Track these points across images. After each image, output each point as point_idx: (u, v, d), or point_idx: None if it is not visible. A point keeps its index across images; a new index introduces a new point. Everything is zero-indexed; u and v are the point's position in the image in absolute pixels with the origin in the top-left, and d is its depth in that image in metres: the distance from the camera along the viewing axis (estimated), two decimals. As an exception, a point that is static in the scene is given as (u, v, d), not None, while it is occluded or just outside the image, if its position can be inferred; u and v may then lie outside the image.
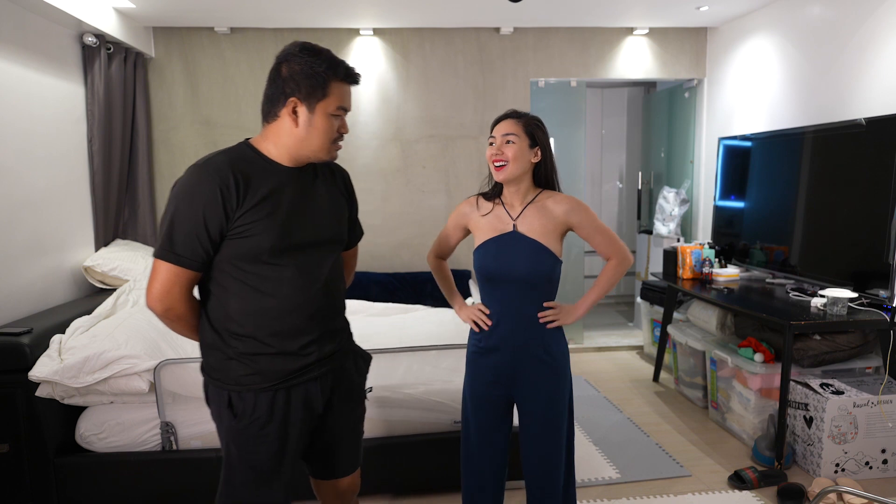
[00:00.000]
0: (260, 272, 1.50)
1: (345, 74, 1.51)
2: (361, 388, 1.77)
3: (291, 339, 1.54)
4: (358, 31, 4.34)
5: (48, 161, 3.25)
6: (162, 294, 1.47)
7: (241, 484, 1.57)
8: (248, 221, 1.46)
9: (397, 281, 4.30)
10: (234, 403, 1.53)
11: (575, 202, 1.91)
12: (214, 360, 1.55)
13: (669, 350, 4.04)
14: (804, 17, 3.62)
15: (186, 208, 1.43)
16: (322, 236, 1.59)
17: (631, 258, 1.96)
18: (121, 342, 2.50)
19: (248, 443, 1.54)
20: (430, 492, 2.70)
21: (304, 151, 1.53)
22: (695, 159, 4.82)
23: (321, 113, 1.50)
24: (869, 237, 2.91)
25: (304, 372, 1.57)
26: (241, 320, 1.51)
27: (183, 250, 1.44)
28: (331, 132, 1.52)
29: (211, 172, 1.44)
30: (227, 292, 1.51)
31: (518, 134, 1.87)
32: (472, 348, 1.99)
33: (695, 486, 2.76)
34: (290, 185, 1.54)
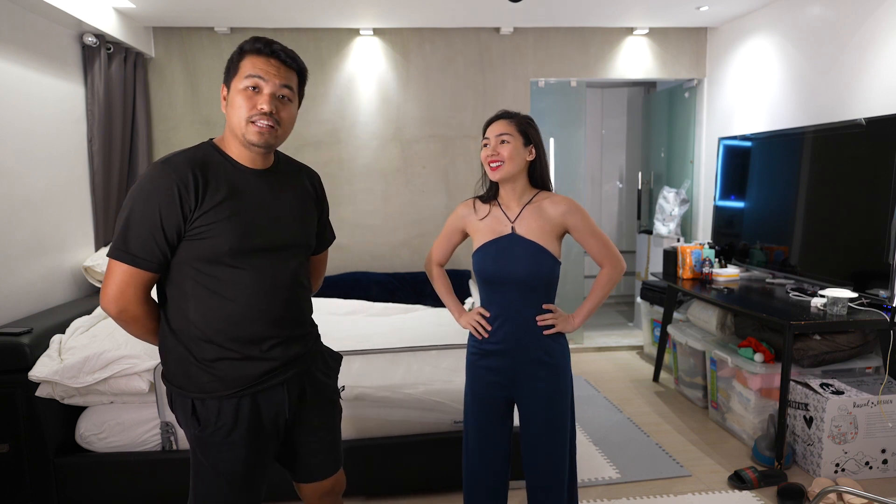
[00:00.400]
0: (219, 275, 1.44)
1: (252, 44, 1.45)
2: (332, 388, 1.72)
3: (254, 344, 1.49)
4: (358, 31, 4.34)
5: (48, 161, 3.25)
6: (116, 295, 1.42)
7: (212, 491, 1.53)
8: (206, 222, 1.41)
9: (397, 281, 4.30)
10: (199, 411, 1.47)
11: (573, 204, 1.91)
12: (175, 367, 1.50)
13: (669, 350, 4.04)
14: (804, 17, 3.62)
15: (143, 207, 1.39)
16: (285, 240, 1.53)
17: (624, 265, 1.96)
18: (121, 342, 2.50)
19: (215, 451, 1.49)
20: (430, 492, 2.70)
21: (237, 139, 1.47)
22: (695, 159, 4.82)
23: (234, 90, 1.45)
24: (869, 237, 2.91)
25: (269, 377, 1.51)
26: (200, 324, 1.46)
27: (138, 250, 1.40)
28: (243, 107, 1.43)
29: (169, 171, 1.39)
30: (186, 295, 1.46)
31: (512, 133, 1.87)
32: (472, 350, 1.99)
33: (695, 486, 2.76)
34: (252, 187, 1.49)
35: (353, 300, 3.88)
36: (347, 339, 3.00)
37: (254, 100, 1.44)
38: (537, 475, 1.95)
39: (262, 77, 1.43)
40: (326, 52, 4.35)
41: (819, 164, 3.29)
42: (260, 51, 1.45)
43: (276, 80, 1.45)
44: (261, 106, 1.43)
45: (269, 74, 1.44)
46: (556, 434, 1.93)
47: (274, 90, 1.45)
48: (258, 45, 1.45)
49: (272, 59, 1.45)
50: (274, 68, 1.45)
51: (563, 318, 1.93)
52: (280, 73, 1.46)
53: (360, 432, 2.59)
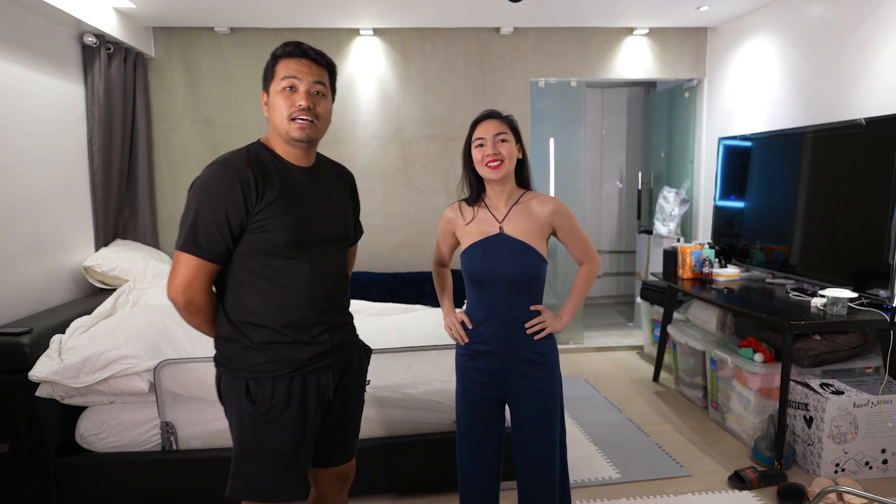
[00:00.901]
0: (276, 265, 1.57)
1: (283, 48, 1.58)
2: (362, 379, 1.84)
3: (305, 329, 1.61)
4: (358, 31, 4.34)
5: (48, 161, 3.25)
6: (184, 286, 1.53)
7: (259, 471, 1.61)
8: (265, 217, 1.53)
9: (397, 281, 4.30)
10: (252, 391, 1.58)
11: (560, 204, 1.95)
12: (231, 352, 1.61)
13: (669, 350, 4.04)
14: (804, 17, 3.62)
15: (209, 204, 1.50)
16: (332, 233, 1.67)
17: (600, 263, 2.04)
18: (121, 342, 2.50)
19: (266, 428, 1.59)
20: (430, 492, 2.70)
21: (281, 137, 1.60)
22: (695, 159, 4.82)
23: (273, 93, 1.59)
24: (869, 237, 2.91)
25: (317, 360, 1.63)
26: (257, 312, 1.58)
27: (205, 243, 1.51)
28: (283, 106, 1.56)
29: (231, 170, 1.52)
30: (245, 285, 1.58)
31: (507, 132, 1.89)
32: (461, 350, 2.00)
33: (695, 486, 2.76)
34: (301, 183, 1.62)
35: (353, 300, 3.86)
36: (347, 339, 2.99)
37: (291, 98, 1.56)
38: (530, 475, 1.95)
39: (296, 77, 1.56)
40: (326, 51, 4.31)
41: (819, 164, 3.29)
42: (291, 53, 1.58)
43: (310, 78, 1.58)
44: (299, 103, 1.56)
45: (302, 73, 1.57)
46: (548, 433, 1.94)
47: (308, 87, 1.58)
48: (289, 49, 1.58)
49: (303, 59, 1.58)
50: (306, 67, 1.58)
51: (552, 318, 1.94)
52: (312, 71, 1.59)
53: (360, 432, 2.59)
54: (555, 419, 1.95)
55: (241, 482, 1.62)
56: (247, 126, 4.29)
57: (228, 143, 4.31)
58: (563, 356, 4.68)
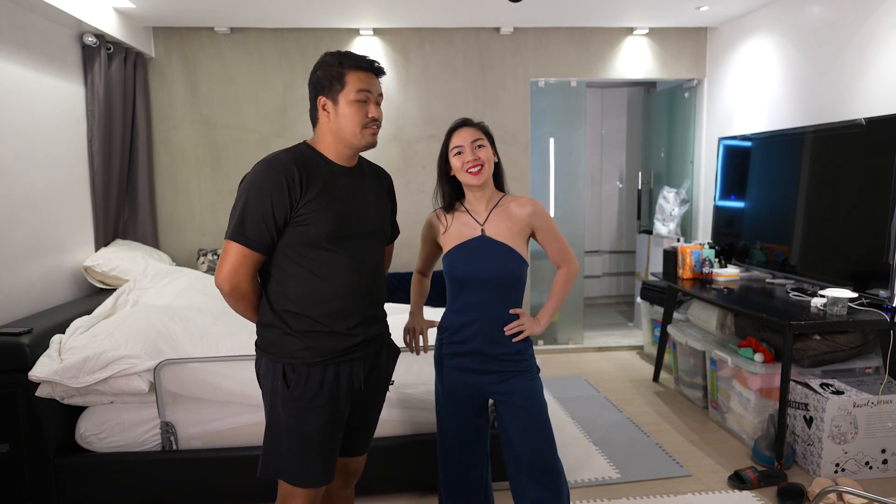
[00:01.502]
0: (317, 257, 1.67)
1: (356, 62, 1.67)
2: (388, 376, 1.92)
3: (342, 319, 1.70)
4: (358, 31, 4.34)
5: (48, 161, 3.25)
6: (231, 273, 1.63)
7: (289, 453, 1.69)
8: (308, 211, 1.63)
9: (397, 281, 4.29)
10: (288, 375, 1.68)
11: (538, 205, 1.97)
12: (272, 337, 1.71)
13: (669, 350, 4.04)
14: (804, 17, 3.62)
15: (257, 197, 1.61)
16: (371, 228, 1.77)
17: (578, 267, 2.06)
18: (121, 342, 2.50)
19: (299, 412, 1.68)
20: (430, 492, 2.70)
21: (342, 142, 1.70)
22: (695, 159, 4.82)
23: (344, 101, 1.67)
24: (869, 237, 2.91)
25: (351, 351, 1.72)
26: (297, 301, 1.68)
27: (252, 234, 1.61)
28: (358, 117, 1.67)
29: (278, 167, 1.62)
30: (287, 275, 1.68)
31: (483, 137, 1.93)
32: (444, 350, 2.01)
33: (695, 486, 2.76)
34: (343, 182, 1.72)
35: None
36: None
37: (365, 109, 1.68)
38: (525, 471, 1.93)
39: (370, 91, 1.69)
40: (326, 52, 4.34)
41: (819, 164, 3.29)
42: (363, 67, 1.69)
43: (378, 91, 1.73)
44: (372, 114, 1.69)
45: (373, 87, 1.70)
46: (541, 429, 1.94)
47: (376, 99, 1.72)
48: (362, 63, 1.69)
49: (372, 72, 1.71)
50: (374, 81, 1.72)
51: (530, 321, 1.96)
52: (377, 85, 1.73)
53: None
54: (544, 414, 1.96)
55: (273, 462, 1.71)
56: (247, 126, 4.29)
57: (228, 143, 4.32)
58: (563, 356, 4.70)
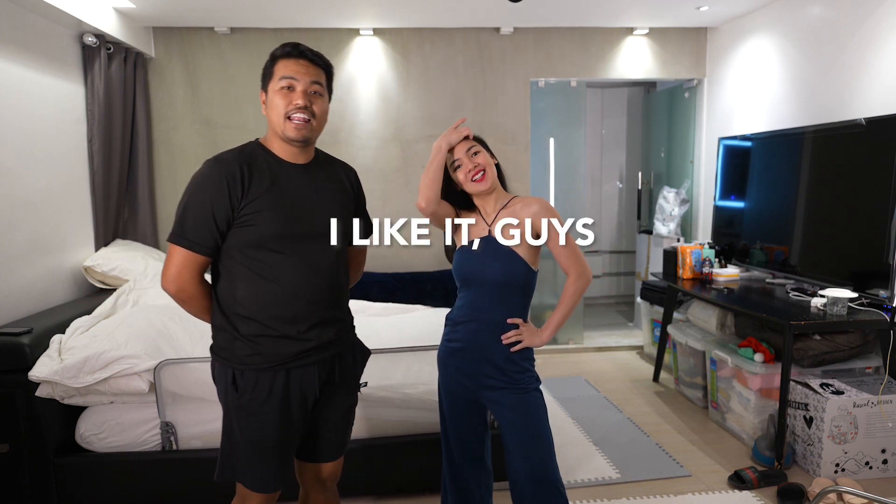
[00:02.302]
0: (265, 259, 1.61)
1: (281, 50, 1.62)
2: (356, 379, 1.85)
3: (292, 323, 1.63)
4: (358, 31, 4.34)
5: (48, 161, 3.25)
6: (174, 276, 1.60)
7: (241, 459, 1.67)
8: (251, 211, 1.58)
9: (397, 281, 4.30)
10: (238, 381, 1.63)
11: (543, 204, 1.88)
12: (222, 340, 1.67)
13: (669, 350, 4.04)
14: (804, 17, 3.62)
15: (196, 198, 1.57)
16: (324, 228, 1.68)
17: (590, 275, 1.90)
18: (121, 342, 2.50)
19: (249, 419, 1.64)
20: (430, 492, 2.69)
21: (277, 136, 1.64)
22: (695, 159, 4.82)
23: (272, 92, 1.63)
24: (869, 237, 2.91)
25: (303, 356, 1.66)
26: (246, 304, 1.62)
27: (193, 236, 1.57)
28: (280, 106, 1.60)
29: (220, 166, 1.58)
30: (234, 277, 1.63)
31: (476, 144, 1.90)
32: (442, 347, 1.99)
33: (695, 486, 2.76)
34: (293, 179, 1.65)
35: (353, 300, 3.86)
36: (347, 339, 2.99)
37: (289, 97, 1.61)
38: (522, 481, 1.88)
39: (294, 77, 1.61)
40: (326, 52, 4.26)
41: (819, 164, 3.29)
42: (289, 54, 1.62)
43: (307, 78, 1.62)
44: (296, 101, 1.60)
45: (299, 74, 1.61)
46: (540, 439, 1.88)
47: (305, 87, 1.62)
48: (287, 49, 1.62)
49: (301, 59, 1.62)
50: (304, 68, 1.62)
51: (530, 332, 1.89)
52: (309, 72, 1.63)
53: (360, 432, 2.59)
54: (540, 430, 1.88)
55: (228, 465, 1.69)
56: (247, 126, 4.29)
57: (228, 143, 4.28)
58: (563, 356, 4.69)
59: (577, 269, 1.88)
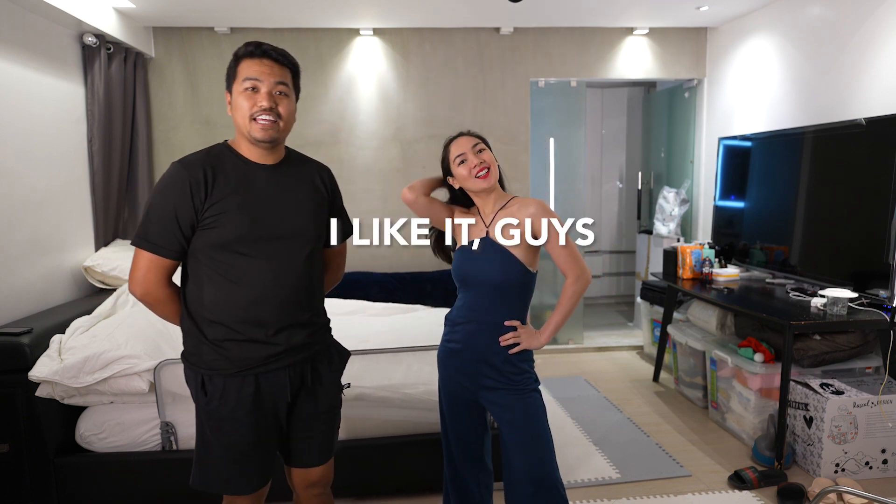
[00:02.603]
0: (230, 261, 1.58)
1: (244, 50, 1.58)
2: (334, 382, 1.80)
3: (259, 327, 1.60)
4: (358, 31, 4.34)
5: (48, 161, 3.25)
6: (140, 279, 1.59)
7: (215, 463, 1.66)
8: (216, 213, 1.55)
9: (397, 281, 4.30)
10: (207, 386, 1.62)
11: (540, 205, 1.86)
12: (190, 345, 1.65)
13: (669, 350, 4.04)
14: (804, 17, 3.62)
15: (160, 200, 1.56)
16: (292, 230, 1.64)
17: (589, 277, 1.87)
18: (121, 342, 2.50)
19: (220, 425, 1.63)
20: (430, 492, 2.69)
21: (243, 135, 1.61)
22: (695, 159, 4.82)
23: (236, 93, 1.59)
24: (869, 237, 2.91)
25: (272, 361, 1.63)
26: (212, 307, 1.60)
27: (157, 239, 1.55)
28: (244, 107, 1.57)
29: (184, 169, 1.56)
30: (201, 280, 1.60)
31: (481, 142, 1.91)
32: (441, 348, 1.99)
33: (695, 486, 2.76)
34: (260, 180, 1.62)
35: (353, 300, 3.87)
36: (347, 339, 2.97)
37: (253, 98, 1.57)
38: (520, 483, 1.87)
39: (258, 78, 1.57)
40: (326, 52, 4.35)
41: (819, 164, 3.29)
42: (252, 54, 1.58)
43: (271, 79, 1.58)
44: (260, 103, 1.56)
45: (263, 74, 1.57)
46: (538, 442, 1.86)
47: (270, 88, 1.58)
48: (250, 49, 1.58)
49: (265, 59, 1.58)
50: (268, 68, 1.58)
51: (528, 334, 1.88)
52: (274, 72, 1.59)
53: (360, 432, 2.59)
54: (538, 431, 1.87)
55: (201, 473, 1.68)
56: (247, 126, 4.29)
57: (228, 143, 4.31)
58: (563, 356, 4.69)
59: (576, 271, 1.85)
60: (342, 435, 2.54)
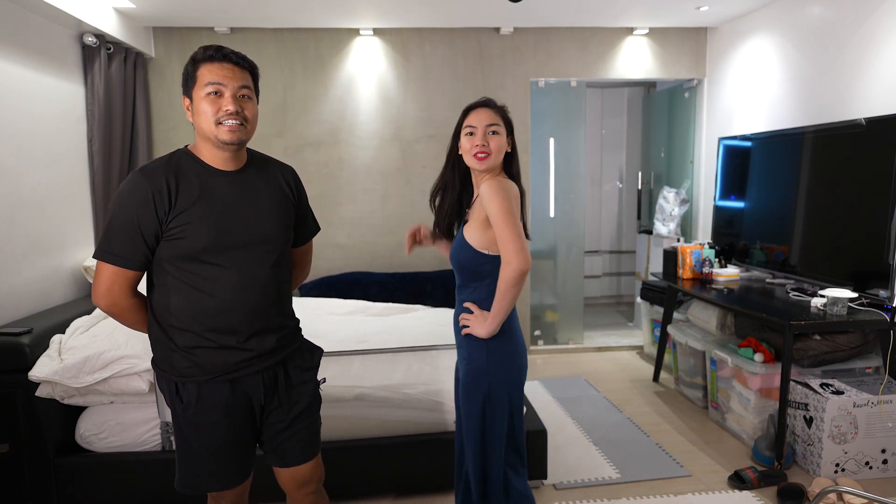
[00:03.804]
0: (198, 271, 1.56)
1: (204, 54, 1.55)
2: (309, 380, 1.80)
3: (230, 334, 1.60)
4: (358, 31, 4.34)
5: (48, 161, 3.25)
6: (104, 292, 1.57)
7: (197, 464, 1.67)
8: (180, 223, 1.53)
9: (397, 281, 4.30)
10: (181, 393, 1.62)
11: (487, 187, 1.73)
12: (160, 353, 1.64)
13: (669, 350, 4.04)
14: (804, 17, 3.62)
15: (122, 212, 1.52)
16: (258, 236, 1.63)
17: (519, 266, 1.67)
18: (121, 342, 2.50)
19: (198, 429, 1.64)
20: (431, 491, 2.70)
21: (208, 142, 1.59)
22: (695, 159, 4.82)
23: (197, 98, 1.56)
24: (869, 237, 2.91)
25: (245, 365, 1.63)
26: (180, 315, 1.58)
27: (120, 251, 1.53)
28: (209, 112, 1.54)
29: (145, 178, 1.53)
30: (168, 289, 1.59)
31: (500, 124, 1.82)
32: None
33: (695, 486, 2.76)
34: (223, 187, 1.60)
35: (353, 300, 3.87)
36: (347, 339, 3.00)
37: (218, 103, 1.55)
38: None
39: (220, 82, 1.54)
40: (326, 52, 4.35)
41: (819, 164, 3.29)
42: (213, 58, 1.55)
43: (234, 83, 1.56)
44: (226, 108, 1.54)
45: (226, 79, 1.55)
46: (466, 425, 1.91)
47: (234, 91, 1.56)
48: (210, 53, 1.55)
49: (225, 63, 1.56)
50: (229, 71, 1.56)
51: (477, 320, 1.81)
52: (236, 75, 1.56)
53: (360, 432, 2.59)
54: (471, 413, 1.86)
55: (186, 476, 1.69)
56: (247, 126, 4.29)
57: (228, 143, 4.31)
58: (563, 356, 4.69)
59: (507, 257, 1.69)
60: (343, 435, 2.55)
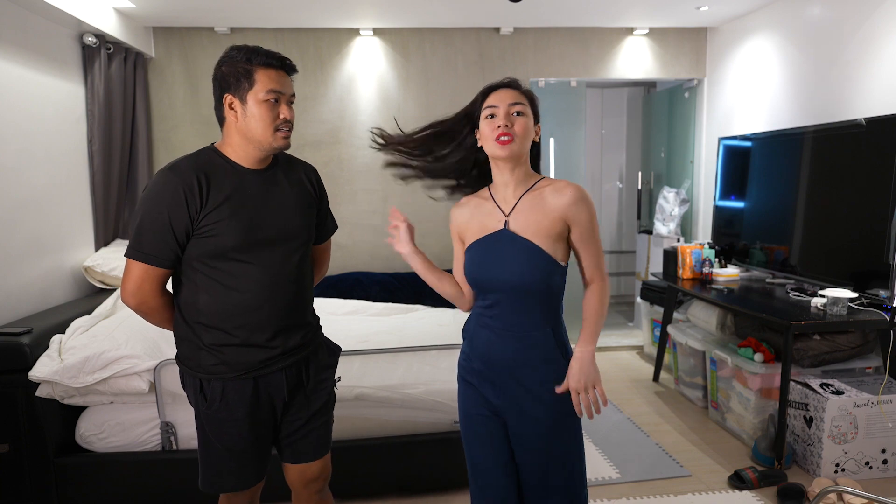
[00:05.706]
0: (226, 269, 1.58)
1: (266, 59, 1.57)
2: (328, 378, 1.82)
3: (257, 332, 1.62)
4: (358, 31, 4.34)
5: (48, 161, 3.25)
6: (134, 290, 1.58)
7: (218, 462, 1.69)
8: (211, 221, 1.55)
9: (397, 281, 4.30)
10: (206, 390, 1.64)
11: (581, 193, 1.54)
12: (187, 350, 1.65)
13: (669, 350, 4.04)
14: (804, 17, 3.62)
15: (153, 210, 1.53)
16: (286, 234, 1.66)
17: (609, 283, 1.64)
18: (121, 342, 2.50)
19: (220, 426, 1.65)
20: (431, 491, 2.69)
21: (252, 144, 1.60)
22: (695, 159, 4.82)
23: (253, 101, 1.57)
24: (869, 237, 2.91)
25: (270, 363, 1.65)
26: (209, 313, 1.60)
27: (151, 249, 1.54)
28: (268, 118, 1.57)
29: (176, 176, 1.54)
30: (197, 287, 1.60)
31: (526, 104, 1.56)
32: (460, 370, 1.72)
33: (695, 486, 2.76)
34: (252, 186, 1.62)
35: (353, 300, 3.88)
36: (347, 339, 3.00)
37: (276, 110, 1.58)
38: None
39: (281, 91, 1.59)
40: (326, 52, 4.35)
41: (819, 164, 3.29)
42: (273, 65, 1.58)
43: (290, 91, 1.63)
44: (285, 115, 1.60)
45: (285, 87, 1.60)
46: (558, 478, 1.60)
47: (289, 100, 1.62)
48: (272, 61, 1.58)
49: (283, 71, 1.61)
50: (287, 80, 1.62)
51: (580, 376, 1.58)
52: (289, 85, 1.63)
53: (360, 432, 2.59)
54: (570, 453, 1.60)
55: (208, 475, 1.71)
56: (247, 126, 4.29)
57: (228, 143, 4.31)
58: (563, 356, 4.69)
59: (602, 276, 1.61)
60: (343, 435, 2.55)
